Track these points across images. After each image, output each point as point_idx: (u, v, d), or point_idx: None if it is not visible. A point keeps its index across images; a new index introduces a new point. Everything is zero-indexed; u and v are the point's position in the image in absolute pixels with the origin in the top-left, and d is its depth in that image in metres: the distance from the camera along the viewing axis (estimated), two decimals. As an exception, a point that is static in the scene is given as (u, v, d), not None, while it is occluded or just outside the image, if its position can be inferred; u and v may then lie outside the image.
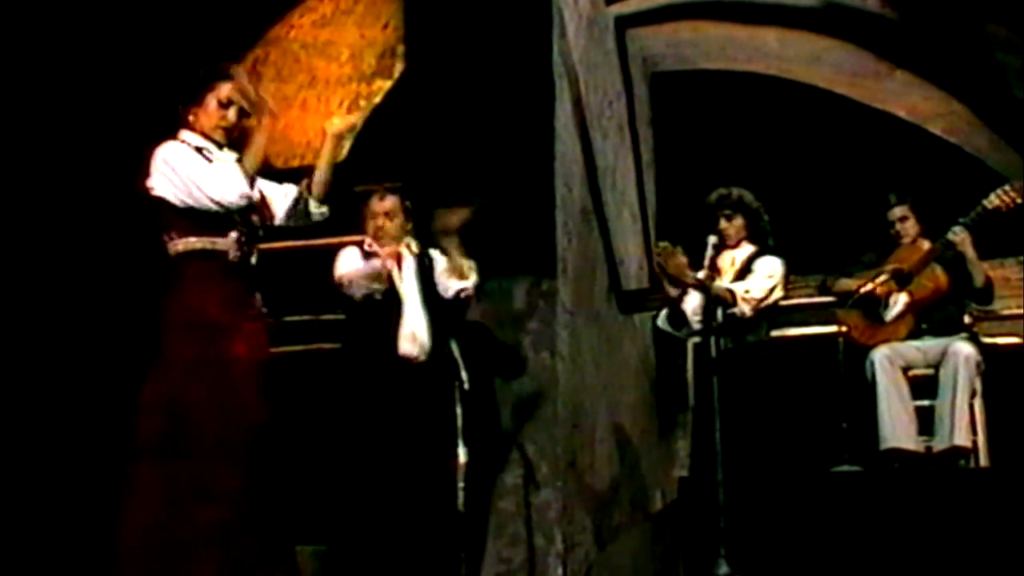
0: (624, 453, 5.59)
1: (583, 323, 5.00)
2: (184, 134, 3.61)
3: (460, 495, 4.08)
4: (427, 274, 4.31)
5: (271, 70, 5.41)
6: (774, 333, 4.93)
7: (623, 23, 6.28)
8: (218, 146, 3.60)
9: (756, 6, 6.29)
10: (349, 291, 4.23)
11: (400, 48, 5.31)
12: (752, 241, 4.89)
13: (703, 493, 4.17)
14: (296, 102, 5.35)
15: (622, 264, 5.91)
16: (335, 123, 3.85)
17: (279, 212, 3.79)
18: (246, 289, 3.60)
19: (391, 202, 4.33)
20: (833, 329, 5.38)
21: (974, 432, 5.00)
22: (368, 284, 4.19)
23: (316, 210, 3.82)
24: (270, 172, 3.91)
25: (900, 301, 5.13)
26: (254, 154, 3.56)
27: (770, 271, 4.76)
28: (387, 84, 5.34)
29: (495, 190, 4.54)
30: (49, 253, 4.71)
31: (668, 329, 4.98)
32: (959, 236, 5.00)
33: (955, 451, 4.92)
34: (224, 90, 3.61)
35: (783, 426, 4.77)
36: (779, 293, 4.79)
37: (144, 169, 3.55)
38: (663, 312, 4.98)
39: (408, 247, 4.34)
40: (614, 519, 5.25)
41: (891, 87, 6.57)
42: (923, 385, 5.06)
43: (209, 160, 3.55)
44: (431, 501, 4.08)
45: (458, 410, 4.16)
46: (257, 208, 3.67)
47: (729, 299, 4.62)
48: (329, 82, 5.41)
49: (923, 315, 5.12)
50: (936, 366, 5.04)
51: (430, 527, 4.06)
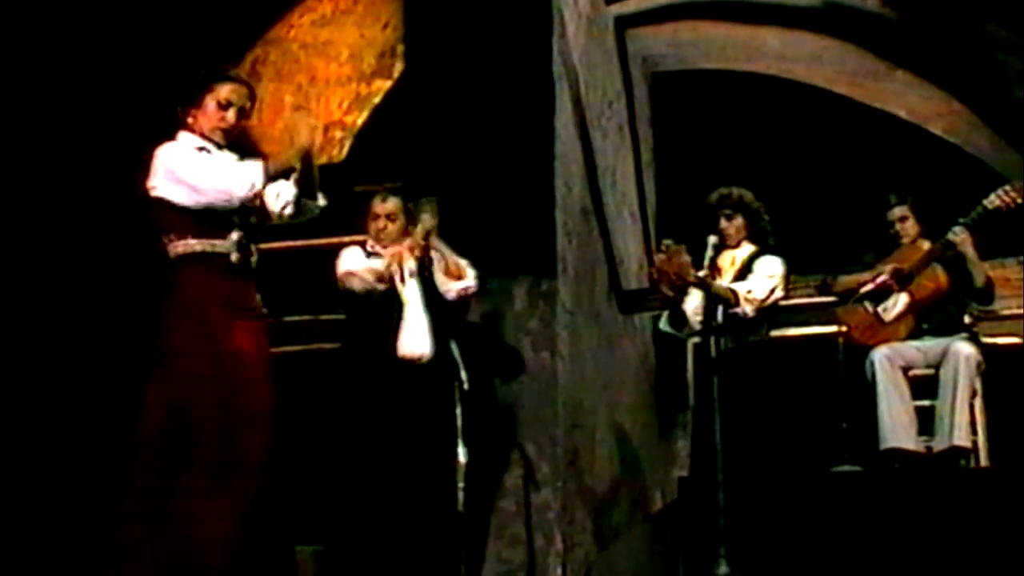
0: (624, 453, 5.59)
1: (583, 323, 5.00)
2: (183, 135, 3.61)
3: (460, 495, 4.08)
4: (428, 275, 4.31)
5: (271, 70, 5.42)
6: (774, 333, 4.93)
7: (623, 23, 6.28)
8: (217, 147, 3.60)
9: (756, 6, 6.29)
10: (349, 283, 4.21)
11: (400, 48, 5.31)
12: (752, 241, 4.88)
13: (703, 493, 4.16)
14: (296, 102, 5.34)
15: (622, 264, 5.91)
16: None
17: (273, 210, 3.76)
18: (246, 289, 3.60)
19: (393, 204, 4.33)
20: (833, 329, 5.38)
21: (974, 432, 5.00)
22: (370, 281, 4.18)
23: (313, 205, 3.79)
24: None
25: (900, 301, 5.13)
26: (282, 162, 3.58)
27: (771, 271, 4.76)
28: (387, 84, 5.34)
29: (495, 190, 4.54)
30: (50, 255, 4.70)
31: (669, 330, 4.98)
32: (959, 236, 5.00)
33: (955, 451, 4.92)
34: (223, 91, 3.61)
35: (783, 426, 4.77)
36: (780, 293, 4.79)
37: (144, 170, 3.55)
38: (664, 314, 4.98)
39: (410, 249, 4.35)
40: (614, 519, 5.25)
41: (891, 87, 6.56)
42: (923, 385, 5.06)
43: (209, 160, 3.55)
44: (431, 501, 4.08)
45: (458, 410, 4.16)
46: (254, 208, 3.67)
47: (731, 299, 4.61)
48: (329, 82, 5.41)
49: (923, 315, 5.12)
50: (936, 366, 5.03)
51: (430, 527, 4.06)
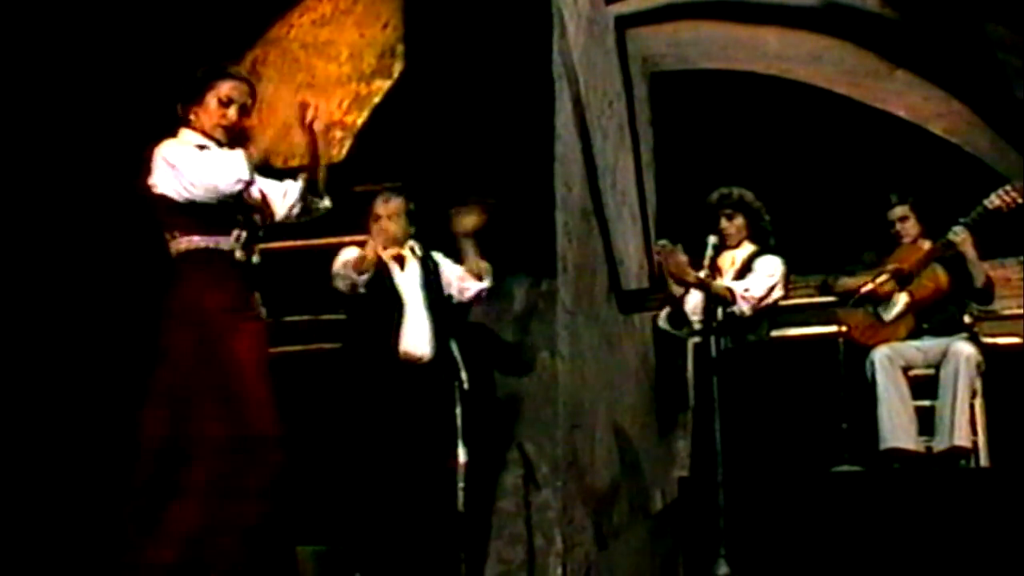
0: (624, 453, 5.58)
1: (583, 323, 5.00)
2: (184, 132, 3.61)
3: (460, 495, 4.08)
4: (431, 276, 4.31)
5: (271, 70, 5.41)
6: (774, 333, 4.93)
7: (623, 23, 6.27)
8: (219, 144, 3.60)
9: (756, 6, 6.28)
10: (335, 284, 4.23)
11: (400, 48, 5.30)
12: (753, 241, 4.88)
13: (703, 493, 4.16)
14: (295, 102, 5.33)
15: (622, 264, 5.91)
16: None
17: (279, 210, 3.78)
18: (247, 289, 3.60)
19: (396, 204, 4.33)
20: (833, 329, 5.37)
21: (974, 432, 5.00)
22: (350, 273, 4.17)
23: (319, 204, 3.81)
24: (270, 172, 3.91)
25: (900, 301, 5.13)
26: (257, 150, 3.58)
27: (771, 270, 4.76)
28: (387, 84, 5.33)
29: (495, 190, 4.54)
30: (51, 253, 4.70)
31: (668, 329, 4.98)
32: (960, 236, 5.00)
33: (955, 451, 4.92)
34: (224, 89, 3.61)
35: (783, 426, 4.77)
36: (779, 292, 4.79)
37: (145, 168, 3.55)
38: (663, 312, 4.98)
39: (412, 250, 4.35)
40: (614, 519, 5.24)
41: (891, 87, 6.56)
42: (923, 385, 5.07)
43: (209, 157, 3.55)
44: (431, 501, 4.08)
45: (458, 410, 4.16)
46: (258, 207, 3.67)
47: (728, 297, 4.61)
48: (329, 82, 5.40)
49: (923, 315, 5.12)
50: (936, 366, 5.04)
51: (430, 527, 4.06)
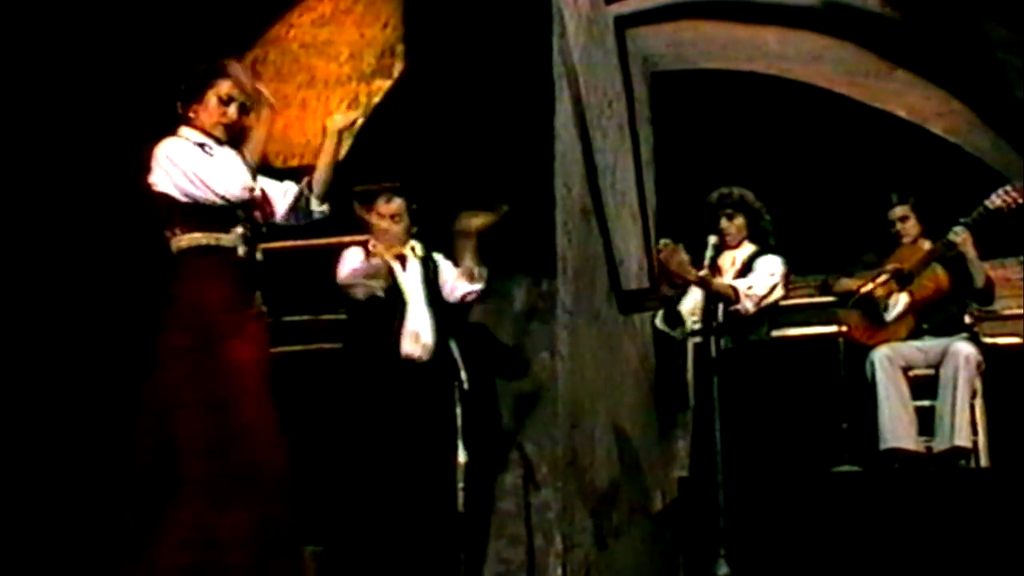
0: (624, 453, 5.58)
1: (583, 323, 4.99)
2: (184, 131, 3.61)
3: (460, 495, 4.07)
4: (431, 276, 4.32)
5: (270, 70, 5.40)
6: (774, 333, 4.93)
7: (623, 23, 6.27)
8: (218, 143, 3.60)
9: (756, 6, 6.27)
10: (352, 292, 4.24)
11: (400, 48, 5.30)
12: (753, 241, 4.89)
13: (703, 493, 4.17)
14: (295, 102, 5.33)
15: (622, 264, 5.90)
16: (336, 120, 3.85)
17: (279, 210, 3.79)
18: (248, 287, 3.60)
19: (397, 204, 4.34)
20: (833, 329, 5.37)
21: (974, 432, 5.00)
22: (369, 283, 4.19)
23: (316, 208, 3.82)
24: (270, 171, 3.91)
25: (901, 301, 5.13)
26: (254, 146, 3.58)
27: (771, 269, 4.76)
28: (387, 84, 5.33)
29: (495, 190, 4.53)
30: (51, 251, 4.70)
31: (664, 328, 4.98)
32: (960, 236, 5.00)
33: (955, 451, 4.92)
34: (224, 87, 3.62)
35: (783, 426, 4.77)
36: (780, 292, 4.79)
37: (145, 166, 3.55)
38: (660, 312, 4.99)
39: (413, 250, 4.35)
40: (614, 519, 5.24)
41: (891, 87, 6.55)
42: (923, 385, 5.07)
43: (210, 155, 3.55)
44: (431, 502, 4.08)
45: (458, 410, 4.16)
46: (259, 205, 3.68)
47: (732, 296, 4.61)
48: (328, 82, 5.40)
49: (924, 315, 5.12)
50: (936, 366, 5.03)
51: (430, 527, 4.06)
